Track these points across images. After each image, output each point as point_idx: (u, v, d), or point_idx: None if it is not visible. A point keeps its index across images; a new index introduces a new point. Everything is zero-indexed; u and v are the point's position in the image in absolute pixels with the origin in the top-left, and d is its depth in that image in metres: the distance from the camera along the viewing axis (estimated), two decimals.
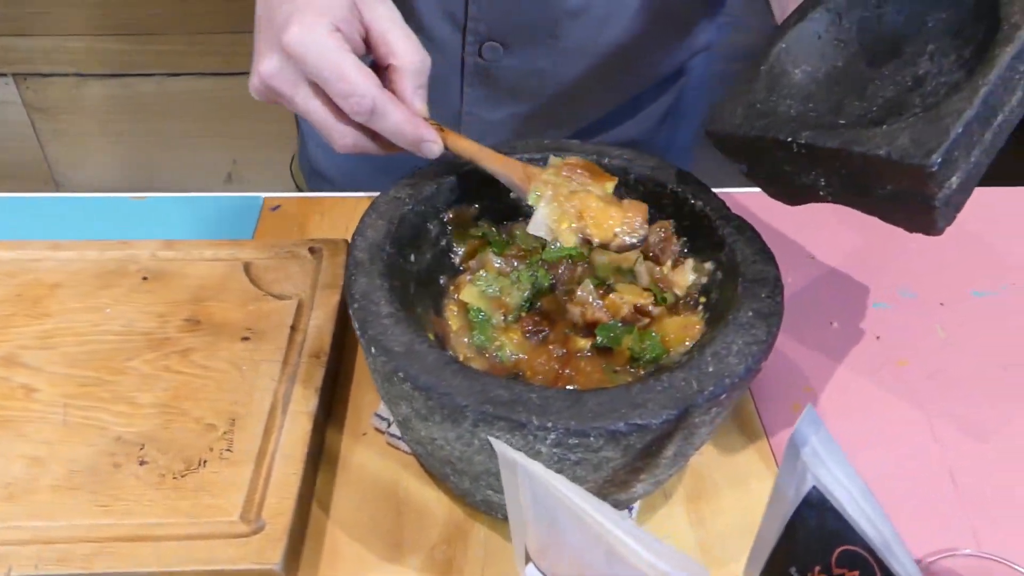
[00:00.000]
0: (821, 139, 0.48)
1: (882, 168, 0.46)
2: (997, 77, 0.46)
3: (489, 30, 0.74)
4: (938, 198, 0.46)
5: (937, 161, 0.44)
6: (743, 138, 0.52)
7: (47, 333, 0.61)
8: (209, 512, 0.50)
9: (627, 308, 0.54)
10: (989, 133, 0.48)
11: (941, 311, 0.71)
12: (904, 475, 0.58)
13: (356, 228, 0.55)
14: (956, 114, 0.45)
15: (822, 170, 0.50)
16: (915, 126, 0.46)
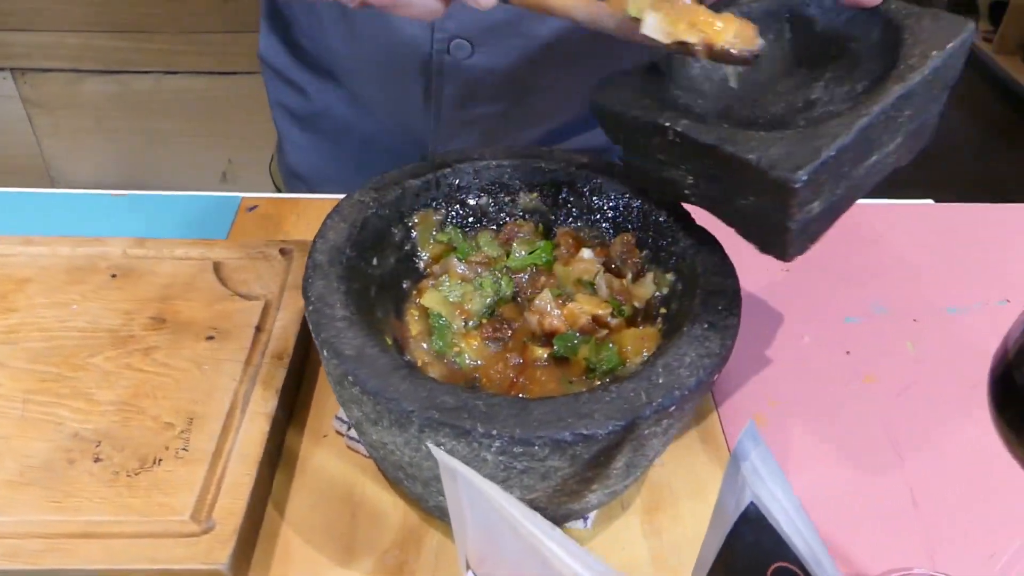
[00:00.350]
0: (697, 131, 0.48)
1: (749, 175, 0.45)
2: (880, 112, 0.46)
3: (457, 27, 0.74)
4: (796, 219, 0.45)
5: (803, 178, 0.43)
6: (623, 116, 0.51)
7: (12, 328, 0.61)
8: (160, 511, 0.50)
9: (585, 318, 0.54)
10: (861, 169, 0.48)
11: (914, 327, 0.71)
12: (864, 491, 0.58)
13: (318, 230, 0.55)
14: (831, 137, 0.44)
15: (692, 166, 0.49)
16: (790, 140, 0.45)
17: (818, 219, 0.47)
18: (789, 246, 0.48)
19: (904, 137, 0.49)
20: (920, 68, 0.47)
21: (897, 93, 0.46)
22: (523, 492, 0.47)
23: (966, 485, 0.58)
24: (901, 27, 0.51)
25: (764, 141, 0.45)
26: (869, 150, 0.47)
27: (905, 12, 0.52)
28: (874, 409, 0.63)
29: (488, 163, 0.60)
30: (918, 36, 0.50)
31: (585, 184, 0.60)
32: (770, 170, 0.44)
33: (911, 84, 0.47)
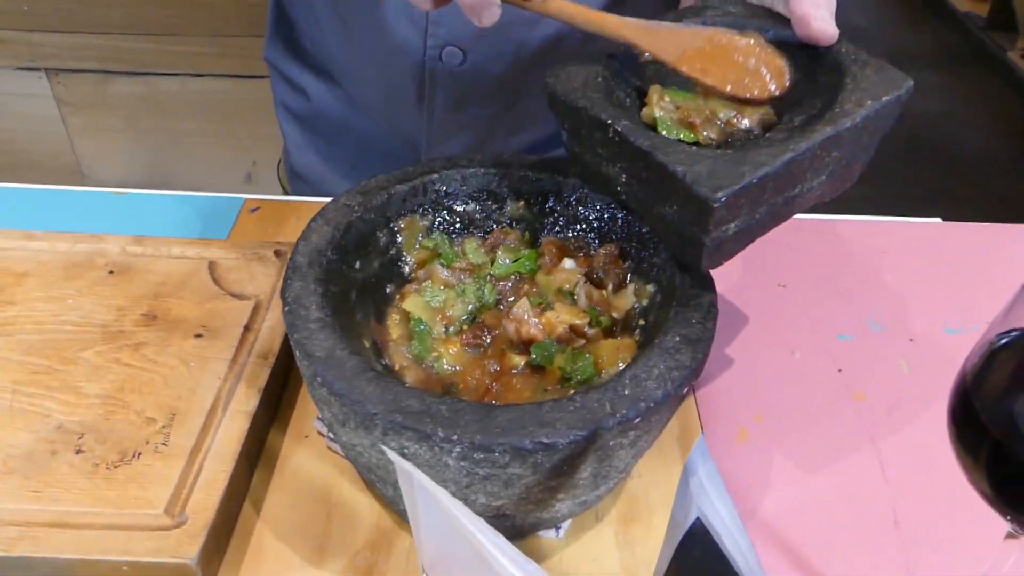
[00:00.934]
0: (635, 135, 0.49)
1: (674, 186, 0.47)
2: (807, 149, 0.47)
3: (449, 34, 0.75)
4: (710, 236, 0.47)
5: (721, 199, 0.45)
6: (571, 104, 0.52)
7: (8, 320, 0.62)
8: (135, 504, 0.51)
9: (562, 327, 0.54)
10: (782, 199, 0.49)
11: (909, 347, 0.70)
12: (847, 509, 0.57)
13: (302, 233, 0.55)
14: (756, 165, 0.46)
15: (626, 166, 0.51)
16: (717, 160, 0.47)
17: (733, 239, 0.49)
18: (703, 259, 0.50)
19: (827, 176, 0.51)
20: (852, 115, 0.49)
21: (826, 135, 0.48)
22: (488, 499, 0.47)
23: (949, 507, 0.57)
24: (845, 71, 0.52)
25: (693, 156, 0.47)
26: (792, 183, 0.49)
27: (853, 58, 0.53)
28: (862, 427, 0.63)
29: (476, 170, 0.61)
30: (859, 83, 0.51)
31: (572, 194, 0.60)
32: (693, 185, 0.46)
33: (840, 128, 0.49)
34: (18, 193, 0.82)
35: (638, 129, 0.50)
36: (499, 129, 0.84)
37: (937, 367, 0.68)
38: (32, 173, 1.92)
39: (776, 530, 0.56)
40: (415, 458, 0.45)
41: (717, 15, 0.57)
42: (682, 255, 0.52)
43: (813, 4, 0.53)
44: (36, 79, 1.78)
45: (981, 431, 0.36)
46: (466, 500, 0.47)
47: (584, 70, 0.54)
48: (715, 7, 0.58)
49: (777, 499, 0.58)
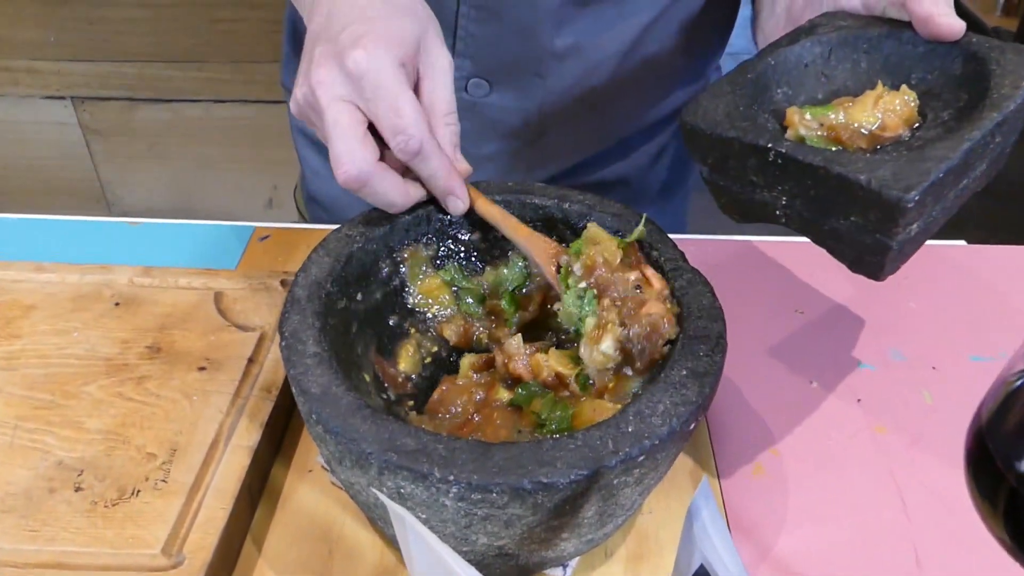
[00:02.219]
0: (802, 152, 0.48)
1: (855, 195, 0.46)
2: (981, 137, 0.47)
3: (475, 66, 0.74)
4: (897, 239, 0.45)
5: (915, 197, 0.43)
6: (719, 137, 0.51)
7: (13, 354, 0.62)
8: (132, 544, 0.50)
9: (548, 372, 0.53)
10: (953, 193, 0.48)
11: (932, 376, 0.67)
12: (867, 549, 0.55)
13: (302, 264, 0.55)
14: (939, 160, 0.45)
15: (789, 187, 0.49)
16: (897, 162, 0.46)
17: (913, 240, 0.48)
18: (886, 265, 0.48)
19: (988, 163, 0.50)
20: (1013, 97, 0.49)
21: (995, 120, 0.47)
22: (489, 539, 0.46)
23: (974, 547, 0.55)
24: (986, 59, 0.52)
25: (871, 163, 0.46)
26: (964, 173, 0.48)
27: (988, 46, 0.53)
28: (882, 461, 0.60)
29: None
30: (1005, 68, 0.51)
31: (578, 221, 0.59)
32: (882, 190, 0.44)
33: (1006, 112, 0.48)
34: (33, 224, 0.83)
35: (803, 147, 0.49)
36: (521, 163, 0.83)
37: (961, 398, 0.65)
38: (58, 200, 1.94)
39: (792, 570, 0.54)
40: (412, 498, 0.44)
41: (830, 31, 0.57)
42: (858, 266, 0.50)
43: (933, 2, 0.53)
44: (62, 107, 1.81)
45: (997, 476, 0.34)
46: (466, 540, 0.46)
47: (721, 102, 0.53)
48: (825, 24, 0.58)
49: (793, 538, 0.55)
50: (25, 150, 1.88)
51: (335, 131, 0.51)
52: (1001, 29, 3.27)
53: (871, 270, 0.49)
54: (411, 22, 0.54)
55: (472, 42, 0.73)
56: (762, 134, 0.49)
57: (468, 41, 0.73)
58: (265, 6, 1.62)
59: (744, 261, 0.77)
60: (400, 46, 0.52)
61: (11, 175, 1.92)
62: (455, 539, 0.46)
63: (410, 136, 0.51)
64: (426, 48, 0.54)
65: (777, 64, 0.56)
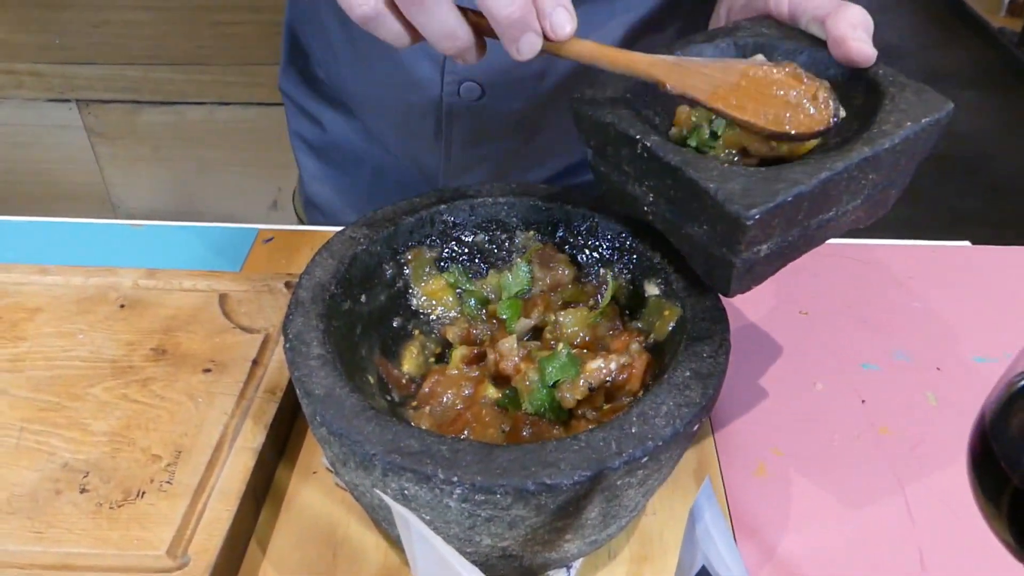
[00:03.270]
0: (664, 150, 0.48)
1: (705, 203, 0.45)
2: (844, 169, 0.46)
3: (467, 69, 0.74)
4: (741, 257, 0.45)
5: (755, 216, 0.43)
6: (598, 121, 0.51)
7: (19, 356, 0.62)
8: (137, 545, 0.50)
9: None
10: (815, 222, 0.47)
11: (936, 377, 0.67)
12: (870, 551, 0.55)
13: (306, 267, 0.55)
14: (791, 183, 0.44)
15: (654, 184, 0.49)
16: (750, 177, 0.45)
17: (764, 261, 0.47)
18: (732, 282, 0.48)
19: (863, 200, 0.49)
20: (891, 135, 0.47)
21: (864, 155, 0.46)
22: (493, 540, 0.46)
23: (979, 549, 0.55)
24: (884, 93, 0.51)
25: (725, 174, 0.46)
26: (827, 205, 0.47)
27: (892, 80, 0.52)
28: (886, 463, 0.60)
29: (484, 200, 0.60)
30: (897, 105, 0.50)
31: (582, 223, 0.59)
32: (725, 203, 0.44)
33: (879, 149, 0.47)
34: (37, 227, 0.83)
35: (668, 145, 0.49)
36: (517, 163, 0.83)
37: (965, 399, 0.65)
38: (62, 202, 1.95)
39: (795, 572, 0.54)
40: (416, 499, 0.44)
41: (748, 35, 0.56)
42: (709, 278, 0.50)
43: (851, 25, 0.52)
44: (67, 110, 1.81)
45: (1001, 477, 0.34)
46: (470, 541, 0.46)
47: (612, 89, 0.53)
48: (747, 28, 0.57)
49: (796, 539, 0.55)
50: (30, 153, 1.88)
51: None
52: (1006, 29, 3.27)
53: (719, 285, 0.49)
54: None
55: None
56: (635, 125, 0.49)
57: None
58: (268, 9, 1.63)
59: None
60: None
61: (16, 178, 1.93)
62: (459, 540, 0.46)
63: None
64: None
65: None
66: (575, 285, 0.59)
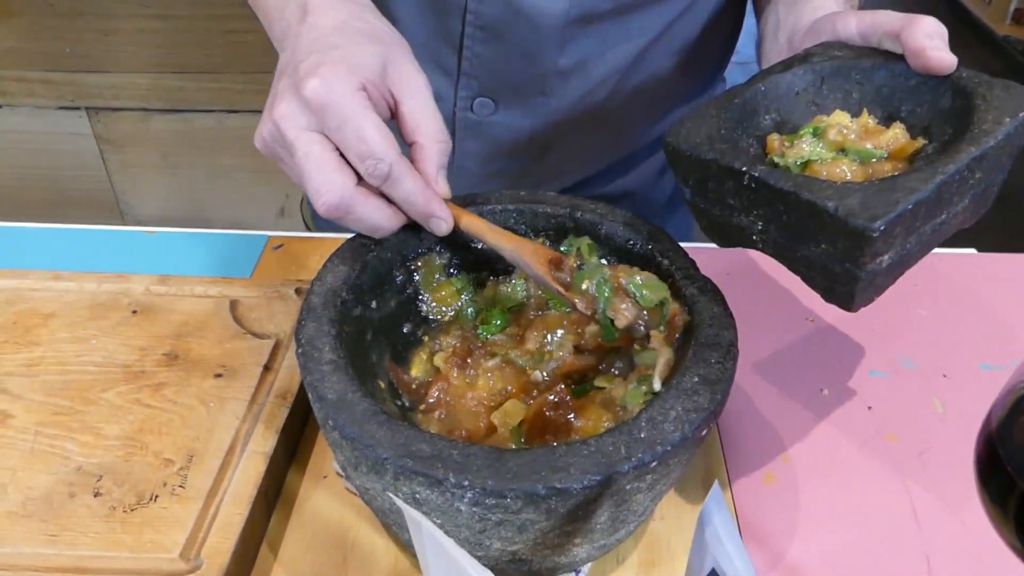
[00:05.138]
0: (774, 177, 0.48)
1: (824, 222, 0.45)
2: (955, 171, 0.46)
3: (481, 86, 0.75)
4: (866, 269, 0.45)
5: (880, 227, 0.43)
6: (698, 159, 0.51)
7: (33, 361, 0.63)
8: (150, 548, 0.51)
9: None
10: (930, 227, 0.48)
11: (943, 384, 0.68)
12: (878, 557, 0.55)
13: (318, 272, 0.55)
14: (908, 191, 0.45)
15: (763, 212, 0.49)
16: (867, 191, 0.46)
17: (886, 272, 0.47)
18: (856, 296, 0.48)
19: (970, 200, 0.50)
20: (993, 133, 0.48)
21: (972, 155, 0.47)
22: (503, 544, 0.46)
23: (986, 555, 0.55)
24: (973, 94, 0.52)
25: (841, 191, 0.46)
26: (940, 208, 0.48)
27: (977, 80, 0.53)
28: (893, 469, 0.61)
29: (493, 207, 0.60)
30: (991, 103, 0.50)
31: (590, 230, 0.60)
32: (848, 218, 0.44)
33: (985, 147, 0.48)
34: (50, 233, 0.84)
35: (776, 171, 0.49)
36: (527, 180, 0.84)
37: (972, 406, 0.65)
38: (72, 209, 1.96)
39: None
40: (427, 503, 0.44)
41: (824, 60, 0.57)
42: (830, 296, 0.50)
43: (926, 35, 0.53)
44: (77, 117, 1.82)
45: (1008, 483, 0.34)
46: (480, 545, 0.46)
47: (704, 124, 0.53)
48: (820, 53, 0.58)
49: (804, 545, 0.56)
50: (40, 160, 1.90)
51: (308, 163, 0.51)
52: (1011, 38, 3.27)
53: (842, 300, 0.49)
54: (373, 46, 0.53)
55: (477, 62, 0.74)
56: (739, 157, 0.49)
57: (473, 61, 0.74)
58: None
59: (755, 270, 0.77)
60: (360, 71, 0.51)
61: (27, 184, 1.94)
62: (469, 544, 0.46)
63: (378, 160, 0.50)
64: (396, 70, 0.54)
65: (767, 90, 0.56)
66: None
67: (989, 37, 3.36)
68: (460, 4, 0.71)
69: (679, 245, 0.58)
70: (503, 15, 0.71)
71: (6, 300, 0.68)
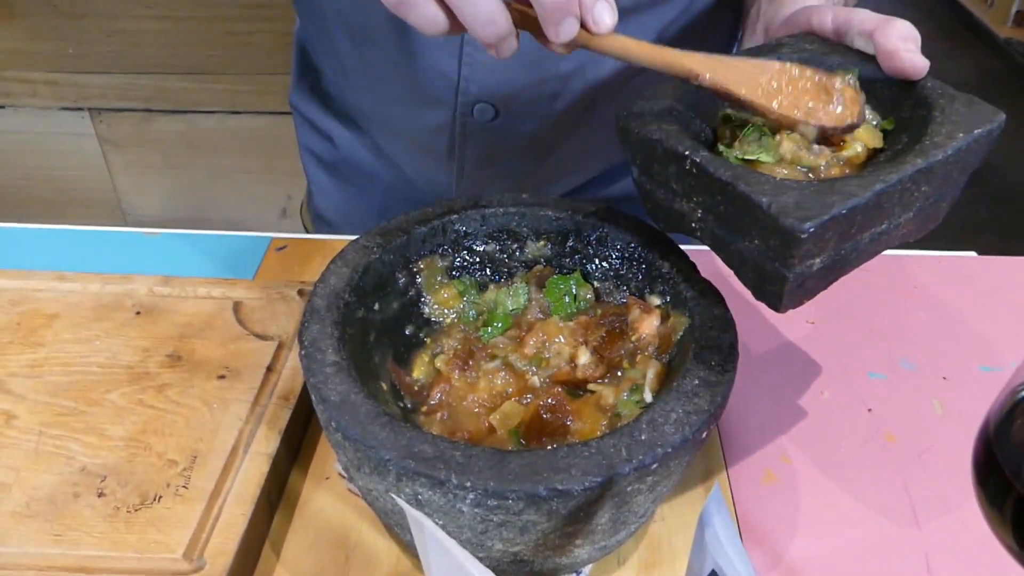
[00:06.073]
0: (714, 165, 0.47)
1: (757, 217, 0.45)
2: (897, 181, 0.46)
3: (481, 91, 0.75)
4: (795, 271, 0.45)
5: (809, 229, 0.43)
6: (645, 137, 0.51)
7: (37, 362, 0.63)
8: (154, 548, 0.51)
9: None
10: (868, 235, 0.47)
11: (942, 385, 0.68)
12: (877, 557, 0.56)
13: (320, 275, 0.56)
14: (845, 196, 0.44)
15: (702, 200, 0.49)
16: (804, 190, 0.45)
17: (816, 276, 0.47)
18: (784, 297, 0.47)
19: (915, 213, 0.49)
20: (943, 147, 0.47)
21: (917, 167, 0.46)
22: (504, 545, 0.47)
23: (985, 555, 0.55)
24: (933, 105, 0.51)
25: (778, 187, 0.45)
26: (880, 217, 0.47)
27: (940, 92, 0.52)
28: (893, 470, 0.61)
29: (495, 210, 0.61)
30: (948, 116, 0.50)
31: (591, 233, 0.60)
32: (779, 216, 0.44)
33: (932, 160, 0.47)
34: (53, 234, 0.84)
35: (718, 160, 0.48)
36: (529, 183, 0.84)
37: (971, 407, 0.65)
38: (74, 210, 1.96)
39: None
40: (429, 504, 0.45)
41: (792, 52, 0.56)
42: (760, 294, 0.49)
43: (900, 38, 0.52)
44: (79, 118, 1.83)
45: (1005, 485, 0.34)
46: (482, 546, 0.47)
47: (657, 104, 0.53)
48: (790, 45, 0.57)
49: (804, 545, 0.56)
50: (43, 160, 1.90)
51: None
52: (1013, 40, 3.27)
53: (770, 300, 0.48)
54: None
55: (477, 68, 0.74)
56: (683, 141, 0.49)
57: (473, 67, 0.74)
58: (280, 19, 1.64)
59: None
60: None
61: (29, 185, 1.95)
62: (471, 545, 0.46)
63: None
64: None
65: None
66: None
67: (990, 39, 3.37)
68: None
69: (680, 248, 0.58)
70: None
71: (10, 301, 0.68)
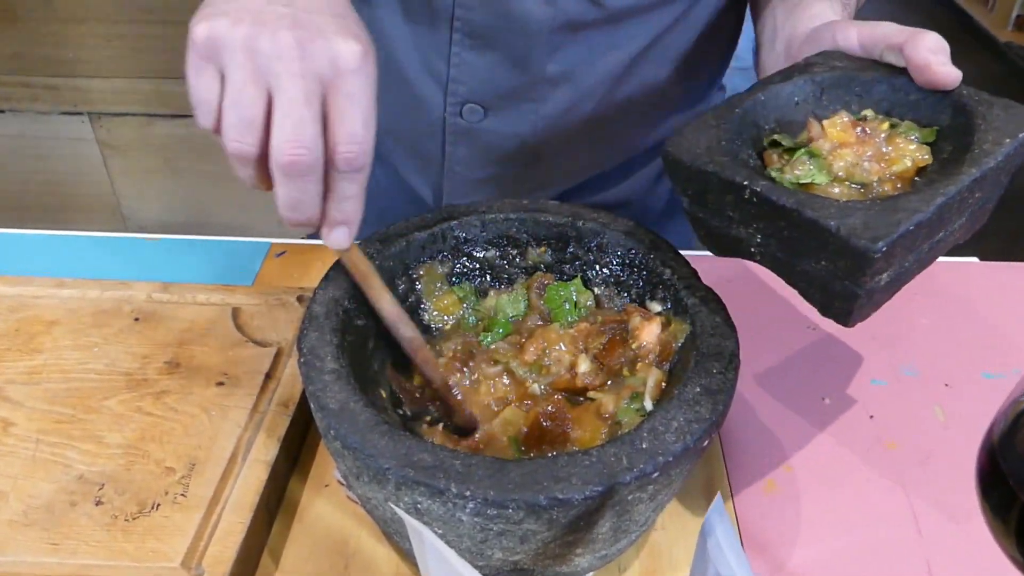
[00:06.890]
0: (776, 193, 0.48)
1: (826, 241, 0.45)
2: (956, 192, 0.47)
3: (470, 92, 0.75)
4: (865, 288, 0.45)
5: (882, 248, 0.43)
6: (698, 170, 0.51)
7: (35, 369, 0.63)
8: (152, 556, 0.51)
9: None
10: (928, 245, 0.48)
11: (944, 392, 0.68)
12: (879, 565, 0.55)
13: (319, 282, 0.56)
14: (910, 212, 0.45)
15: (763, 226, 0.49)
16: (869, 211, 0.46)
17: (883, 289, 0.48)
18: (854, 313, 0.48)
19: (967, 217, 0.50)
20: (993, 154, 0.49)
21: (974, 176, 0.47)
22: (504, 554, 0.46)
23: (987, 563, 0.55)
24: (973, 113, 0.52)
25: (843, 209, 0.46)
26: (939, 227, 0.48)
27: (977, 99, 0.53)
28: (895, 477, 0.61)
29: (495, 216, 0.60)
30: (991, 123, 0.51)
31: (592, 239, 0.60)
32: (850, 238, 0.44)
33: (985, 168, 0.48)
34: (52, 240, 0.84)
35: (777, 188, 0.49)
36: (519, 187, 0.84)
37: (973, 414, 0.65)
38: (74, 214, 1.96)
39: None
40: (428, 513, 0.44)
41: (824, 71, 0.56)
42: (827, 311, 0.50)
43: (930, 50, 0.52)
44: (80, 123, 1.83)
45: (1009, 495, 0.34)
46: (482, 555, 0.46)
47: (704, 135, 0.53)
48: (820, 63, 0.57)
49: (806, 553, 0.56)
50: (43, 165, 1.90)
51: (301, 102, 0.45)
52: (1013, 44, 3.27)
53: (839, 316, 0.49)
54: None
55: (466, 69, 0.74)
56: (739, 171, 0.49)
57: (462, 68, 0.74)
58: None
59: (755, 278, 0.77)
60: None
61: (29, 190, 1.94)
62: (471, 554, 0.46)
63: (364, 151, 0.47)
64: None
65: (767, 100, 0.56)
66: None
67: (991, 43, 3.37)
68: (448, 10, 0.72)
69: (681, 255, 0.58)
70: (491, 21, 0.71)
71: (9, 307, 0.68)
